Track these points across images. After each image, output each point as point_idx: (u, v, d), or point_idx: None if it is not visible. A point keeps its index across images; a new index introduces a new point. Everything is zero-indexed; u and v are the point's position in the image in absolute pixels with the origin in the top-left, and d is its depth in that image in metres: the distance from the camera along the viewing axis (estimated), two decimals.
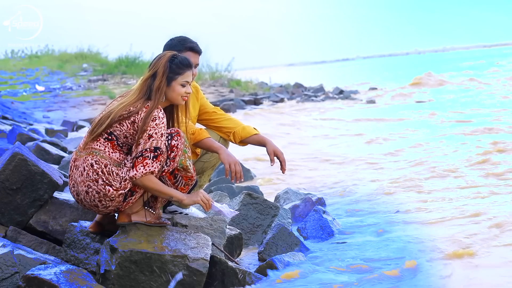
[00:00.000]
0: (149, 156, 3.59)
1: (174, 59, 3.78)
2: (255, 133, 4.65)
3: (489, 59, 50.87)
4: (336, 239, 5.07)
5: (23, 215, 4.11)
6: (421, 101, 20.17)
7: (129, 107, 3.66)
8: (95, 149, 3.64)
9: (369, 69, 57.37)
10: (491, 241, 4.59)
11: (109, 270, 3.49)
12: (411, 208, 5.88)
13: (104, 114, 3.70)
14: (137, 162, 3.58)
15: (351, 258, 4.44)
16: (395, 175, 7.65)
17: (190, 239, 3.77)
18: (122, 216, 3.76)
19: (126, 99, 3.73)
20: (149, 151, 3.59)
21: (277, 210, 5.23)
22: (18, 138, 8.60)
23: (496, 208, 5.48)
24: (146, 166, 3.57)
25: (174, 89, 3.78)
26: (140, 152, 3.59)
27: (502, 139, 9.49)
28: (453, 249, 4.44)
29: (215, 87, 25.65)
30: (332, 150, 10.66)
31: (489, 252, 4.37)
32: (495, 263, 4.15)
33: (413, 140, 10.87)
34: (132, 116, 3.63)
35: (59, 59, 33.77)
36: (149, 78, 3.75)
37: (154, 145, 3.60)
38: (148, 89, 3.72)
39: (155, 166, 3.60)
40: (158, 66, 3.75)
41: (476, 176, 7.04)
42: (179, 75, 3.77)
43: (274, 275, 4.01)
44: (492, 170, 7.27)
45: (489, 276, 3.93)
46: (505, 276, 3.92)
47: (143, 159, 3.58)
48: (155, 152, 3.60)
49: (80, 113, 17.42)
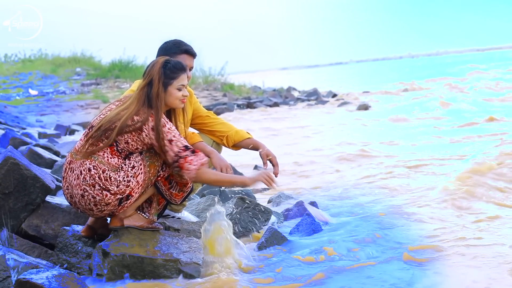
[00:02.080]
0: (188, 154, 3.63)
1: (167, 64, 3.79)
2: (248, 137, 4.66)
3: (475, 64, 50.92)
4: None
5: (15, 219, 4.11)
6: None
7: (133, 116, 3.66)
8: (94, 154, 3.64)
9: (362, 73, 57.52)
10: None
11: (101, 274, 3.49)
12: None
13: (105, 120, 3.69)
14: (182, 165, 3.62)
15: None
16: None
17: (183, 243, 3.78)
18: (115, 220, 3.76)
19: (127, 108, 3.70)
20: (183, 150, 3.64)
21: (270, 214, 5.24)
22: (11, 142, 8.57)
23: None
24: (192, 162, 3.63)
25: (171, 94, 3.79)
26: (175, 157, 3.63)
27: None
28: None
29: (208, 91, 25.66)
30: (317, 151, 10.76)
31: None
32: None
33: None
34: (143, 126, 3.64)
35: (52, 63, 33.75)
36: (145, 87, 3.76)
37: (181, 144, 3.65)
38: (147, 98, 3.73)
39: (200, 157, 3.67)
40: (153, 74, 3.76)
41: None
42: (174, 79, 3.79)
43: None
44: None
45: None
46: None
47: (184, 159, 3.62)
48: (188, 149, 3.66)
49: (73, 117, 17.40)
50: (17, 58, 37.24)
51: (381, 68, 66.67)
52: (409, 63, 79.72)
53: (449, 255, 4.16)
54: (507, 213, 5.35)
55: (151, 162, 3.72)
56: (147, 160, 3.71)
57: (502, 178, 6.69)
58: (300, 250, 4.46)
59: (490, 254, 4.12)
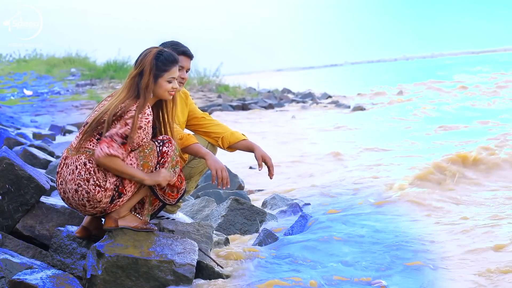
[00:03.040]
0: (117, 141, 3.59)
1: (159, 56, 3.79)
2: (243, 138, 4.66)
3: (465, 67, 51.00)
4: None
5: (10, 220, 4.10)
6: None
7: (119, 105, 3.67)
8: (89, 149, 3.65)
9: (357, 75, 57.55)
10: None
11: (95, 275, 3.49)
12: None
13: (97, 115, 3.70)
14: (103, 141, 3.58)
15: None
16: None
17: (177, 244, 3.78)
18: (109, 221, 3.76)
19: (116, 98, 3.73)
20: (120, 136, 3.60)
21: (264, 216, 5.25)
22: (6, 143, 8.56)
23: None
24: (110, 148, 3.56)
25: (161, 86, 3.79)
26: (110, 133, 3.59)
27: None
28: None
29: (203, 92, 25.65)
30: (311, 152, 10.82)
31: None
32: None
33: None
34: (124, 114, 3.64)
35: (47, 64, 33.67)
36: (136, 76, 3.76)
37: (126, 133, 3.61)
38: (136, 87, 3.73)
39: (120, 152, 3.59)
40: (144, 64, 3.76)
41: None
42: (165, 71, 3.79)
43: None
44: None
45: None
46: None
47: (111, 140, 3.57)
48: (124, 140, 3.61)
49: (68, 118, 17.36)
50: (12, 58, 37.17)
51: (375, 70, 66.76)
52: (404, 66, 79.78)
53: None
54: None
55: (144, 161, 3.72)
56: (141, 160, 3.71)
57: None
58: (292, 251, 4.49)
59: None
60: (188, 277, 3.57)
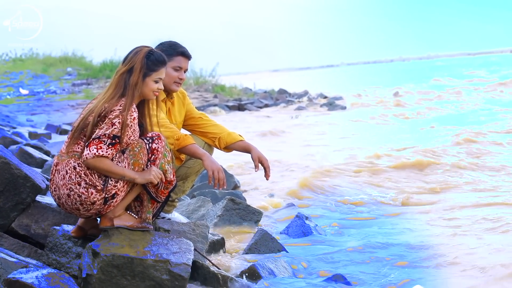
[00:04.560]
0: (105, 142, 3.58)
1: (150, 55, 3.79)
2: (240, 139, 4.65)
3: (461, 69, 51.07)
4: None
5: (5, 219, 4.10)
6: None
7: (104, 105, 3.66)
8: (77, 152, 3.64)
9: (353, 76, 57.64)
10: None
11: (91, 274, 3.49)
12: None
13: (83, 117, 3.70)
14: (91, 144, 3.56)
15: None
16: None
17: (173, 244, 3.78)
18: (105, 220, 3.75)
19: (102, 95, 3.73)
20: (107, 137, 3.59)
21: (260, 216, 5.25)
22: (1, 141, 8.55)
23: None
24: (99, 149, 3.55)
25: (148, 85, 3.79)
26: (98, 135, 3.58)
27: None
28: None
29: (199, 92, 25.65)
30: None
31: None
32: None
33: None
34: (109, 114, 3.63)
35: (43, 63, 33.62)
36: (125, 73, 3.76)
37: (114, 133, 3.60)
38: (124, 84, 3.72)
39: (109, 152, 3.58)
40: (135, 62, 3.75)
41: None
42: (154, 71, 3.79)
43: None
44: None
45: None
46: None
47: (99, 142, 3.57)
48: (113, 140, 3.60)
49: (64, 117, 17.35)
50: (8, 58, 37.08)
51: (371, 71, 66.91)
52: (400, 67, 79.98)
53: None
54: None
55: (135, 160, 3.71)
56: (131, 159, 3.70)
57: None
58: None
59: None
60: (183, 276, 3.57)
